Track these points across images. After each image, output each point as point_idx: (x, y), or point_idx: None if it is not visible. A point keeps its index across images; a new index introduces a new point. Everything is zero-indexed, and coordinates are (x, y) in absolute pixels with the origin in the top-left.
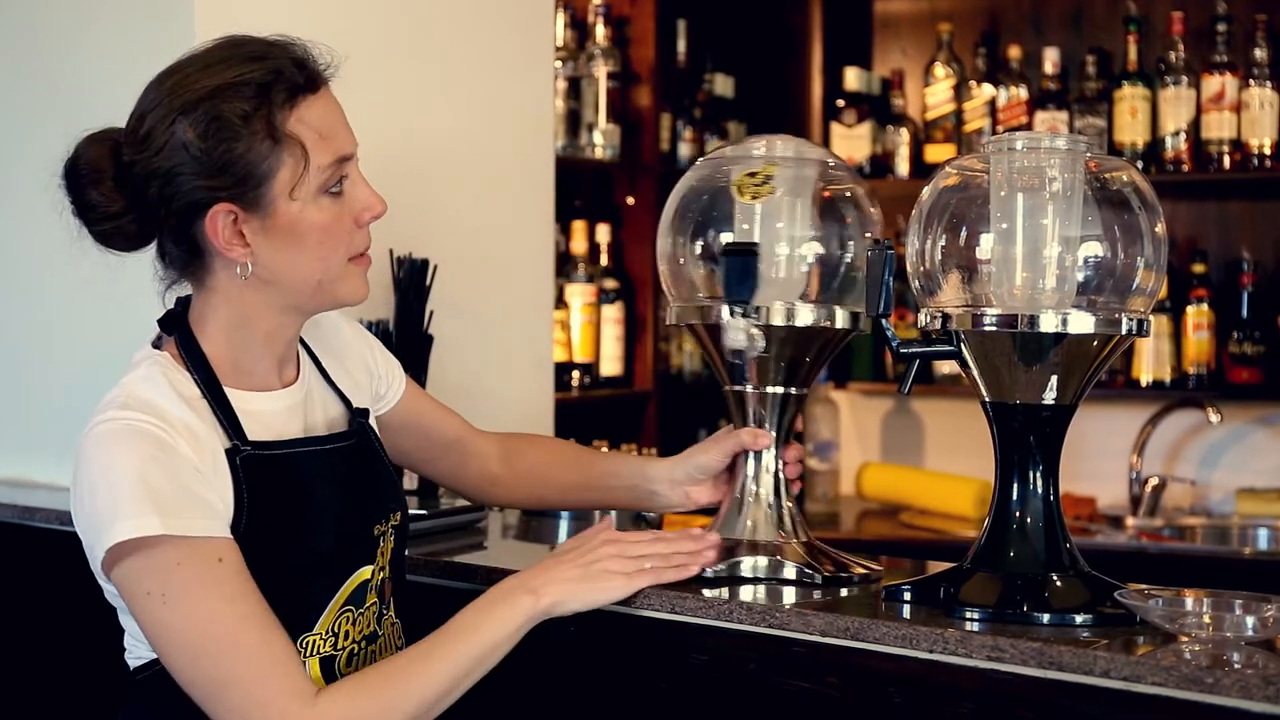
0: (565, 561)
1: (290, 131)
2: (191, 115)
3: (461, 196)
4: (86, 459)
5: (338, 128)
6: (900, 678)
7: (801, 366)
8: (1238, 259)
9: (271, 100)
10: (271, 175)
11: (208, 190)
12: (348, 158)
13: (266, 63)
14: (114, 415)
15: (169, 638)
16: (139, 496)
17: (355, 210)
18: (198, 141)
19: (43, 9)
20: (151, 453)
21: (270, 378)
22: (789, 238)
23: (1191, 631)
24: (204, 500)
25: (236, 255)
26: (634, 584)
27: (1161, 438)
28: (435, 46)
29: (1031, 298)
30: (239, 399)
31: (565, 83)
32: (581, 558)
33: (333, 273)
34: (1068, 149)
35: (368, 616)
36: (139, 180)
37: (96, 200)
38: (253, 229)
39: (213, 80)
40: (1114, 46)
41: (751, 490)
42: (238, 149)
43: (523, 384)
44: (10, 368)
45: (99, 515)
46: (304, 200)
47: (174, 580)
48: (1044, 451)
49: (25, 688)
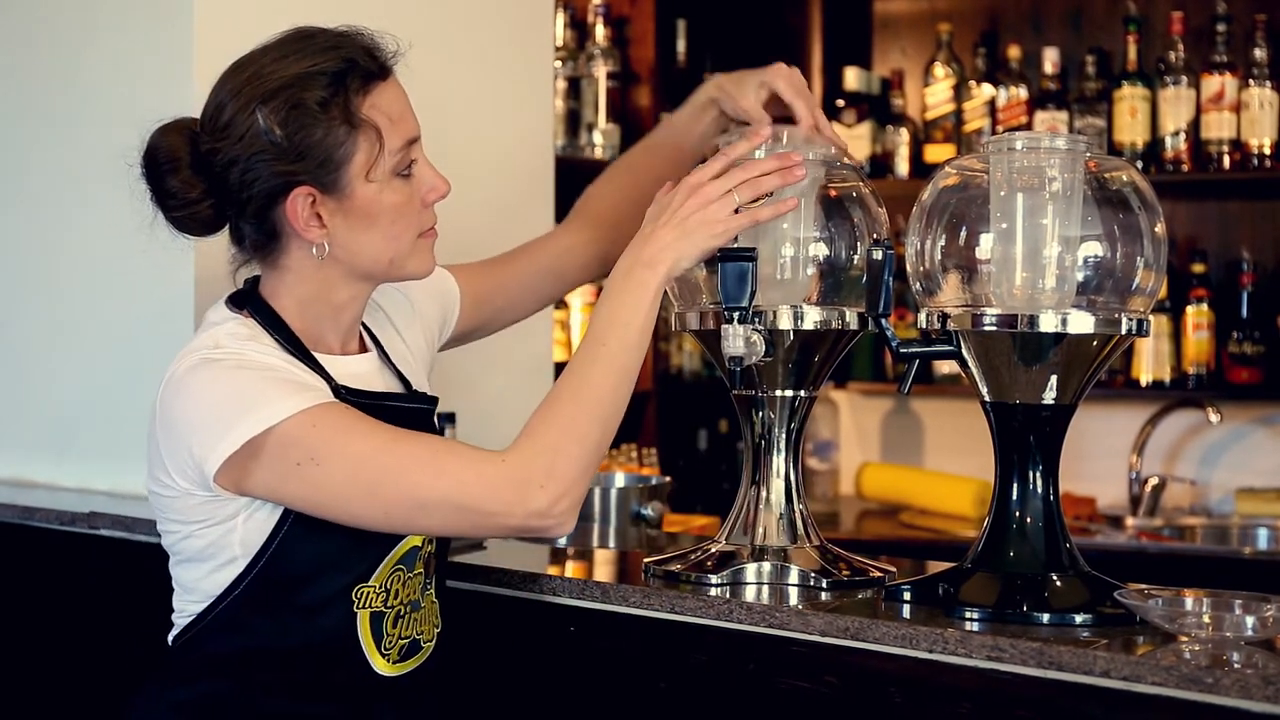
0: (661, 229)
1: (365, 117)
2: (271, 103)
3: (461, 196)
4: (177, 391)
5: (406, 112)
6: (900, 677)
7: (810, 369)
8: (1237, 259)
9: (347, 87)
10: (349, 159)
11: (288, 175)
12: (415, 140)
13: (340, 51)
14: (204, 351)
15: (341, 491)
16: (244, 398)
17: (423, 190)
18: (278, 128)
19: (45, 10)
20: (241, 366)
21: (340, 346)
22: (794, 239)
23: (1191, 631)
24: (306, 380)
25: (314, 236)
26: (730, 232)
27: (1161, 438)
28: (435, 46)
29: (1031, 298)
30: (323, 360)
31: (565, 83)
32: (672, 219)
33: (404, 250)
34: (1067, 149)
35: (414, 584)
36: (219, 167)
37: (175, 187)
38: (330, 210)
39: (290, 70)
40: (1113, 46)
41: (762, 496)
42: (316, 134)
43: (522, 384)
44: (10, 369)
45: (209, 434)
46: (379, 182)
47: (316, 439)
48: (1044, 451)
49: (24, 687)
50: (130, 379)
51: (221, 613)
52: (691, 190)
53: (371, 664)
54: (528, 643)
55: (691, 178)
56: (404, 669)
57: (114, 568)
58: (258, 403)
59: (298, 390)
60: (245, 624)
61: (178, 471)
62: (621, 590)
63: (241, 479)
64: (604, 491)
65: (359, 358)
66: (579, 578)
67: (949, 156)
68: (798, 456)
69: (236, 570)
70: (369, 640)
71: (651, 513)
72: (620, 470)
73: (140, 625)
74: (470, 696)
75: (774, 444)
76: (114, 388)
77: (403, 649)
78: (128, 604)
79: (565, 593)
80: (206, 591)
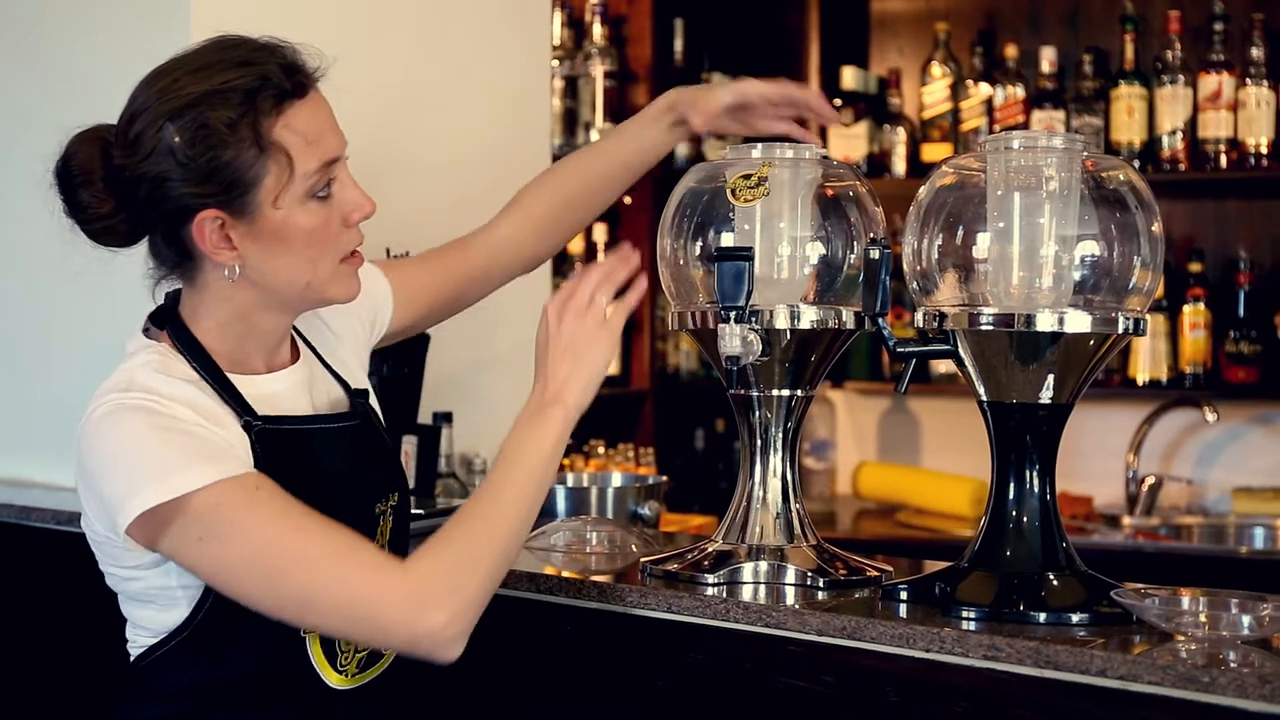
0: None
1: (276, 139)
2: (179, 121)
3: (458, 195)
4: (92, 441)
5: (325, 132)
6: (897, 677)
7: (807, 368)
8: (1234, 258)
9: (258, 108)
10: (257, 182)
11: (194, 196)
12: (334, 160)
13: (254, 69)
14: (115, 396)
15: (236, 573)
16: (156, 460)
17: (344, 211)
18: (185, 148)
19: (42, 8)
20: (156, 422)
21: (263, 364)
22: (791, 238)
23: (1188, 630)
24: (221, 446)
25: (224, 259)
26: (614, 333)
27: (1158, 437)
28: (432, 45)
29: (1028, 297)
30: (241, 382)
31: (562, 81)
32: (560, 348)
33: (322, 275)
34: (1064, 148)
35: None
36: (128, 183)
37: (87, 201)
38: (240, 234)
39: (200, 86)
40: (1111, 45)
41: (759, 495)
42: (224, 156)
43: (519, 383)
44: (7, 367)
45: (120, 488)
46: (290, 206)
47: (220, 519)
48: (1040, 450)
49: (22, 686)
50: None
51: (171, 650)
52: (559, 315)
53: (326, 680)
54: (525, 642)
55: (551, 307)
56: (362, 680)
57: None
58: (165, 470)
59: (208, 459)
60: (195, 659)
61: (95, 517)
62: (618, 590)
63: (153, 539)
64: (601, 491)
65: (284, 373)
66: (576, 577)
67: (946, 156)
68: (794, 456)
69: (182, 615)
70: (321, 660)
71: (648, 512)
72: (617, 470)
73: None
74: (468, 696)
75: (771, 443)
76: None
77: (361, 661)
78: None
79: (562, 592)
80: (154, 630)
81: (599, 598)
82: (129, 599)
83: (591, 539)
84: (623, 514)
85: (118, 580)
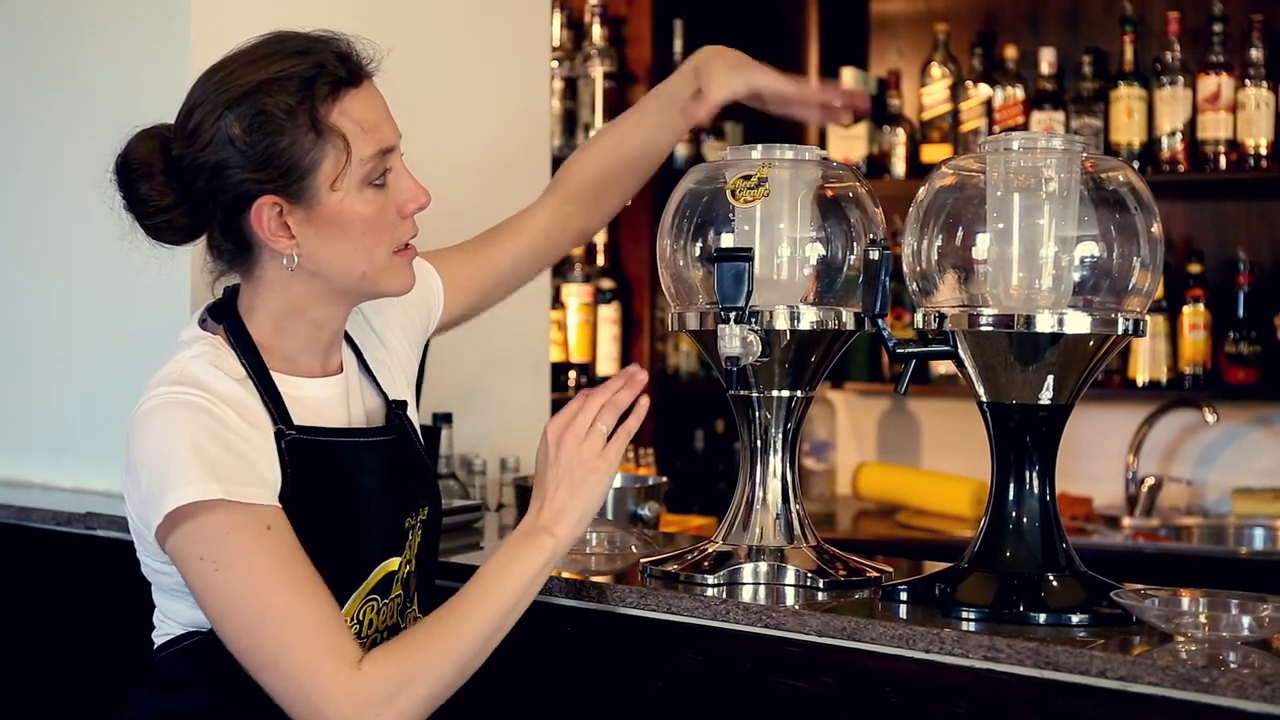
0: (555, 490)
1: (333, 124)
2: (237, 110)
3: (457, 196)
4: (140, 432)
5: (380, 120)
6: (896, 677)
7: (807, 369)
8: (1234, 259)
9: (314, 94)
10: (315, 167)
11: (253, 182)
12: (390, 149)
13: (310, 57)
14: (165, 390)
15: (222, 604)
16: (193, 463)
17: (399, 201)
18: (243, 135)
19: (43, 9)
20: (204, 423)
21: (315, 365)
22: (790, 239)
23: (1188, 631)
24: (255, 468)
25: (282, 246)
26: (612, 465)
27: (1158, 438)
28: (431, 46)
29: (1028, 298)
30: (286, 384)
31: (562, 83)
32: (558, 475)
33: (378, 264)
34: (1064, 149)
35: (391, 608)
36: (187, 174)
37: (147, 194)
38: (297, 220)
39: (257, 75)
40: (1110, 46)
41: (759, 496)
42: (282, 142)
43: (520, 384)
44: (7, 369)
45: (154, 485)
46: (347, 191)
47: (226, 547)
48: (1040, 451)
49: (22, 686)
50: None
51: (197, 643)
52: (558, 440)
53: None
54: (524, 643)
55: (551, 429)
56: None
57: (110, 569)
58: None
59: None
60: (215, 656)
61: (134, 508)
62: (618, 590)
63: (164, 537)
64: None
65: (329, 381)
66: (575, 578)
67: (946, 156)
68: (794, 456)
69: None
70: None
71: (648, 513)
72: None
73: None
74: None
75: (770, 444)
76: (111, 388)
77: None
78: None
79: (562, 593)
80: (182, 622)
81: (599, 598)
82: (162, 591)
83: (591, 540)
84: (622, 515)
85: (151, 571)
